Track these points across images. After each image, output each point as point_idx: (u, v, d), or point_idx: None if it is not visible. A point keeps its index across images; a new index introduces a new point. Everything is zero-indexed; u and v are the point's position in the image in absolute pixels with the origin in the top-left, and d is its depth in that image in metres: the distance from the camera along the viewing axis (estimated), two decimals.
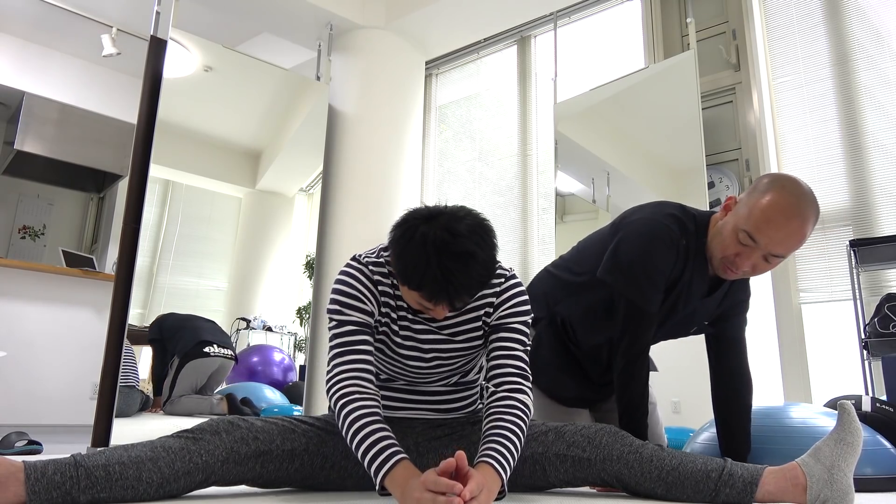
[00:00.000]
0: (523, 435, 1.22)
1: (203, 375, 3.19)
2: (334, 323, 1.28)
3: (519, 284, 1.37)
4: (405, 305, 1.32)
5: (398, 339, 1.33)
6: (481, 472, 1.10)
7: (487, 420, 1.23)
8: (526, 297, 1.36)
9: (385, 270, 1.31)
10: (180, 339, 3.20)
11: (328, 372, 1.26)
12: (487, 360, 1.33)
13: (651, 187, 3.32)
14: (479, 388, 1.50)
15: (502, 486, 1.13)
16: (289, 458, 1.29)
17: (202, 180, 3.58)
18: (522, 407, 1.24)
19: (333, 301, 1.29)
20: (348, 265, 1.32)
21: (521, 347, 1.32)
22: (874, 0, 3.15)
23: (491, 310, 1.34)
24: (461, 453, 1.05)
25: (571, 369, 1.70)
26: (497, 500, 1.15)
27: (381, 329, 1.33)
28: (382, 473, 1.10)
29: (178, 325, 3.26)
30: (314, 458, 1.31)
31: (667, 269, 1.49)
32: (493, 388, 1.28)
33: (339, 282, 1.31)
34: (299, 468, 1.31)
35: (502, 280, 1.35)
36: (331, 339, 1.29)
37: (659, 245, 1.47)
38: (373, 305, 1.30)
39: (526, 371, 1.30)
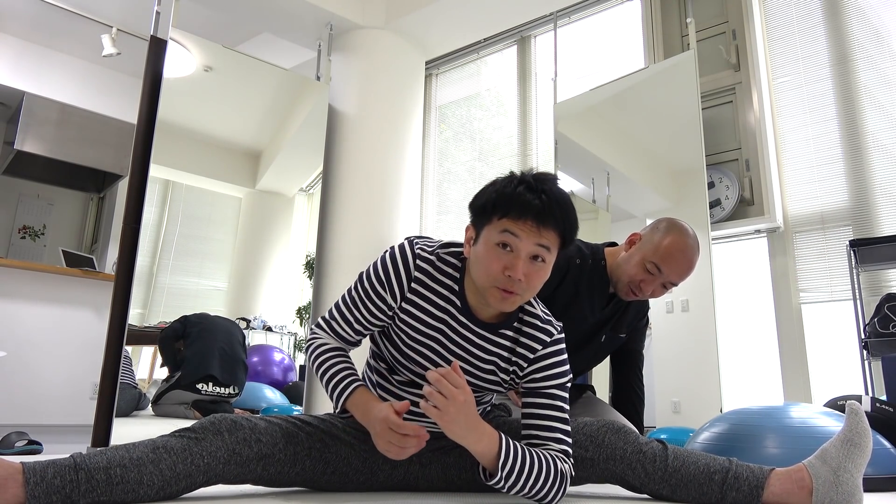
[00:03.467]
0: (548, 470, 1.18)
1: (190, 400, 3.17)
2: (361, 290, 1.30)
3: (562, 342, 1.30)
4: (455, 301, 1.27)
5: (424, 327, 1.28)
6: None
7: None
8: (565, 356, 1.30)
9: (431, 267, 1.27)
10: (189, 361, 3.15)
11: (329, 314, 1.35)
12: (523, 427, 1.27)
13: (651, 187, 3.32)
14: (490, 403, 1.49)
15: (496, 463, 1.15)
16: (291, 461, 1.29)
17: (202, 180, 3.57)
18: (560, 464, 1.21)
19: (375, 270, 1.29)
20: (403, 248, 1.29)
21: (561, 416, 1.25)
22: (874, 0, 3.15)
23: (525, 364, 1.28)
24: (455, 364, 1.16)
25: None
26: (491, 482, 1.18)
27: (403, 311, 1.29)
28: (344, 397, 1.26)
29: (197, 337, 3.19)
30: (316, 463, 1.31)
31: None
32: None
33: (388, 257, 1.29)
34: (301, 472, 1.31)
35: (550, 335, 1.28)
36: (349, 291, 1.33)
37: None
38: (394, 296, 1.27)
39: (568, 448, 1.24)
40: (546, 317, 1.31)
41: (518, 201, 1.14)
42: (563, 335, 1.32)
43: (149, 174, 2.86)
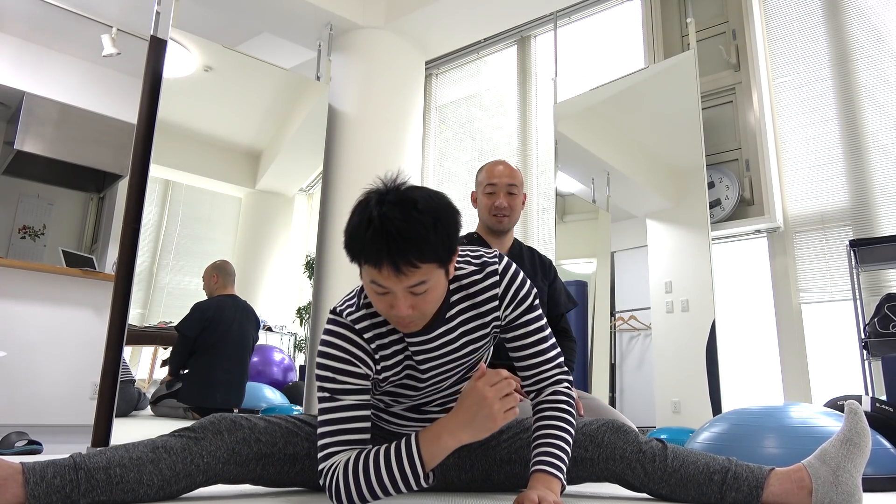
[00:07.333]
0: (570, 426, 1.22)
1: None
2: (325, 394, 1.15)
3: (510, 266, 1.25)
4: (397, 338, 1.20)
5: (393, 367, 1.23)
6: (539, 481, 1.13)
7: (534, 422, 1.23)
8: (522, 275, 1.25)
9: (369, 322, 1.18)
10: (192, 383, 3.13)
11: (321, 443, 1.14)
12: (515, 363, 1.28)
13: (651, 187, 3.31)
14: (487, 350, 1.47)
15: (562, 482, 1.16)
16: (290, 461, 1.29)
17: (202, 180, 3.57)
18: (564, 398, 1.24)
19: (323, 367, 1.15)
20: (331, 327, 1.18)
21: (540, 336, 1.26)
22: (874, 0, 3.15)
23: (498, 312, 1.23)
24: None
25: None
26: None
27: (382, 377, 1.22)
28: (420, 460, 1.08)
29: (205, 354, 3.18)
30: (316, 463, 1.30)
31: None
32: (531, 392, 1.27)
33: (326, 344, 1.16)
34: (300, 472, 1.30)
35: (495, 270, 1.22)
36: (321, 412, 1.16)
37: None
38: (368, 365, 1.17)
39: (553, 358, 1.26)
40: (475, 262, 1.23)
41: (368, 251, 1.01)
42: (501, 256, 1.27)
43: (149, 174, 2.86)
